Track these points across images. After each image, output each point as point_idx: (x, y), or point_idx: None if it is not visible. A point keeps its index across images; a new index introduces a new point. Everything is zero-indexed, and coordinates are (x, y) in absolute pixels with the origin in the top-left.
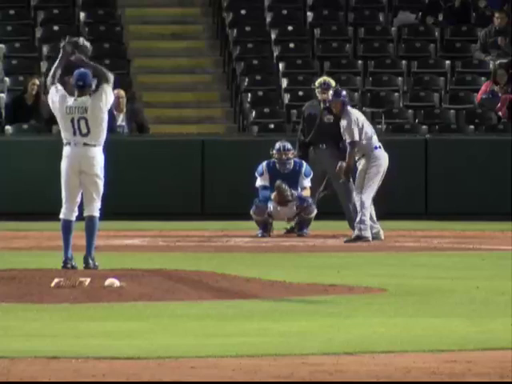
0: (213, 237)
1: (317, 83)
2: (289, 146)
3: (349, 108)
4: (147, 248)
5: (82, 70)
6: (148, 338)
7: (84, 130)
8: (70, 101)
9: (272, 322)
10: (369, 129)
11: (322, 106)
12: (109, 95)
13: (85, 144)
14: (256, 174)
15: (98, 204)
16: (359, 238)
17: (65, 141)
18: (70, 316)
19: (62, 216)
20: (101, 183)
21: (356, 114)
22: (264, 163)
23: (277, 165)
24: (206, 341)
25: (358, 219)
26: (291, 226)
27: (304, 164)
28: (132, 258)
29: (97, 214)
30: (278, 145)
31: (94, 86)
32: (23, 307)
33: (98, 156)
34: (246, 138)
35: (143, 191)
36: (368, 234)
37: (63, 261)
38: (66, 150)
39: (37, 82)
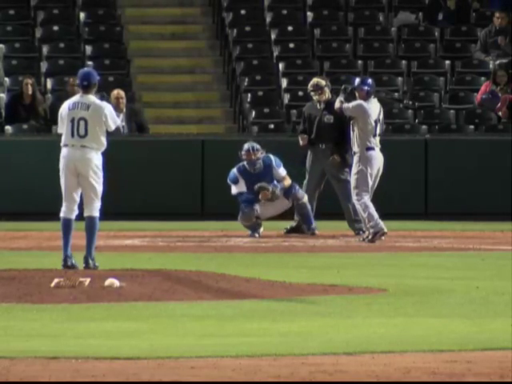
0: (213, 237)
1: (309, 86)
2: (257, 146)
3: (372, 99)
4: (147, 248)
5: (86, 69)
6: (148, 338)
7: (82, 132)
8: (74, 98)
9: (272, 322)
10: (370, 127)
11: (322, 106)
12: (108, 123)
13: (82, 146)
14: (229, 182)
15: (97, 204)
16: (376, 234)
17: (63, 142)
18: (69, 316)
19: (61, 214)
20: (98, 185)
21: (373, 109)
22: (234, 169)
23: (247, 166)
24: (206, 341)
25: (366, 221)
26: (291, 226)
27: (271, 157)
28: (132, 258)
29: (96, 214)
30: (246, 145)
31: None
32: (23, 307)
33: (94, 158)
34: (245, 138)
35: (143, 191)
36: (380, 226)
37: (63, 259)
38: (63, 151)
39: (29, 81)
